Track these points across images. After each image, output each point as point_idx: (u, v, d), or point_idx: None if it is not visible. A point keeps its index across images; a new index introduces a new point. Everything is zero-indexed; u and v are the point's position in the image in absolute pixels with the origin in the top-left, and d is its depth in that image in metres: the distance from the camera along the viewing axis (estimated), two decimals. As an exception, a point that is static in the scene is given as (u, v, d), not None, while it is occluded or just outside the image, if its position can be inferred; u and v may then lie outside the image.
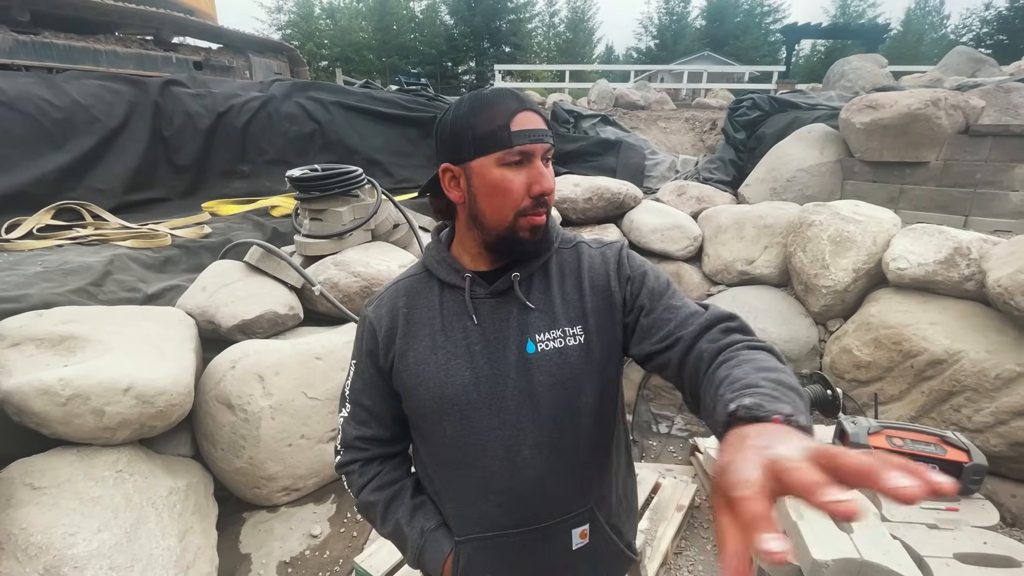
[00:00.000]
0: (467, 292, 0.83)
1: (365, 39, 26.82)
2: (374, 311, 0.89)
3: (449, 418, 0.82)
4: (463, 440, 0.83)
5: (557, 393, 0.81)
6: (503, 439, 0.81)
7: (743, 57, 24.40)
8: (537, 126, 0.76)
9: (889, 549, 1.49)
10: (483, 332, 0.82)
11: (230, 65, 5.94)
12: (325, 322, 2.64)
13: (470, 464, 0.83)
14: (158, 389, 1.66)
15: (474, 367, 0.82)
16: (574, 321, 0.83)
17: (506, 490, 0.82)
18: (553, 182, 0.78)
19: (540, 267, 0.86)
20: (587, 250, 0.89)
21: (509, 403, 0.81)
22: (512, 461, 0.81)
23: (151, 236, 3.03)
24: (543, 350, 0.81)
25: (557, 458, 0.82)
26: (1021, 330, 2.32)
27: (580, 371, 0.82)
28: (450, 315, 0.84)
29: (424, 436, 0.89)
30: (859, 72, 6.26)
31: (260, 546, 2.03)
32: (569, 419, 0.83)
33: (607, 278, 0.86)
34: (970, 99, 3.73)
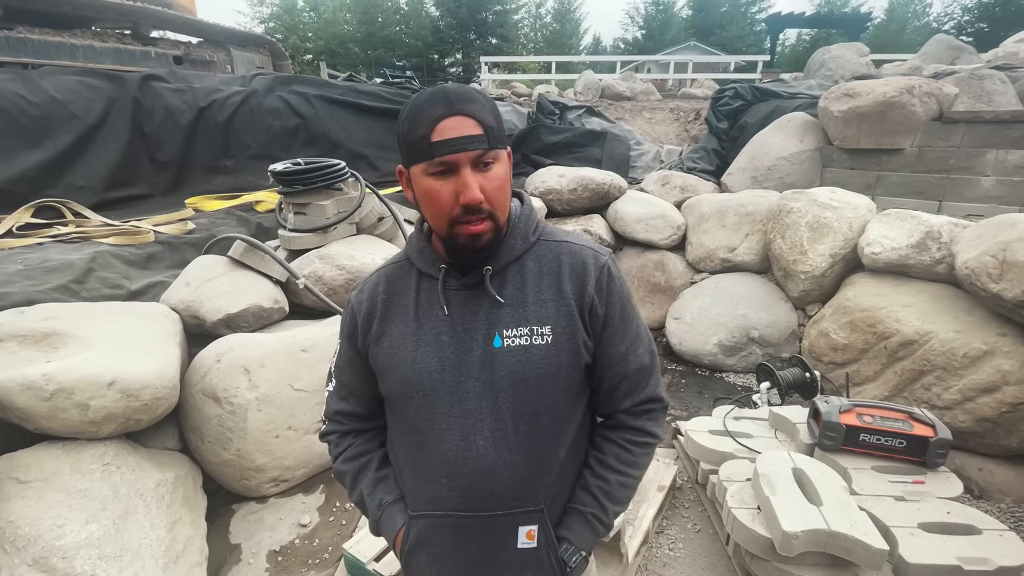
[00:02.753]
0: (440, 283, 0.85)
1: (350, 32, 26.47)
2: (356, 296, 0.94)
3: (413, 401, 0.86)
4: (424, 423, 0.86)
5: (517, 389, 0.83)
6: (460, 427, 0.84)
7: (729, 47, 24.45)
8: (462, 133, 0.73)
9: (856, 520, 1.55)
10: (452, 323, 0.85)
11: (211, 59, 5.87)
12: (311, 315, 2.66)
13: (428, 446, 0.86)
14: (143, 383, 1.67)
15: (440, 356, 0.84)
16: (544, 320, 0.84)
17: (458, 475, 0.85)
18: (477, 192, 0.74)
19: (516, 261, 0.86)
20: (572, 251, 0.88)
21: (470, 393, 0.83)
22: (467, 449, 0.84)
23: (134, 233, 3.02)
24: (508, 346, 0.83)
25: (510, 453, 0.84)
26: (988, 310, 2.40)
27: (543, 371, 0.83)
28: (424, 303, 0.87)
29: (393, 416, 0.95)
30: (839, 61, 6.33)
31: (250, 536, 2.06)
32: (527, 417, 0.84)
33: (588, 294, 0.86)
34: (944, 86, 3.80)
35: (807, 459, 1.89)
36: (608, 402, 0.93)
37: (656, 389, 0.94)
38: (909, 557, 1.50)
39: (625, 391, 0.91)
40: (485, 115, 0.76)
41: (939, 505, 1.72)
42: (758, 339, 3.32)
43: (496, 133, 0.77)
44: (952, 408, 2.34)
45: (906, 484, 1.82)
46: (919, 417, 1.92)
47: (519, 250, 0.87)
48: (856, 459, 1.94)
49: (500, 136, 0.78)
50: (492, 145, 0.76)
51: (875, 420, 1.93)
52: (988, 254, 2.27)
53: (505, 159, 0.80)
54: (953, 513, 1.68)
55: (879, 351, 2.67)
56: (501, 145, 0.79)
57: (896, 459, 1.92)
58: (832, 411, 1.96)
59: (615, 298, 0.87)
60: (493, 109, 0.79)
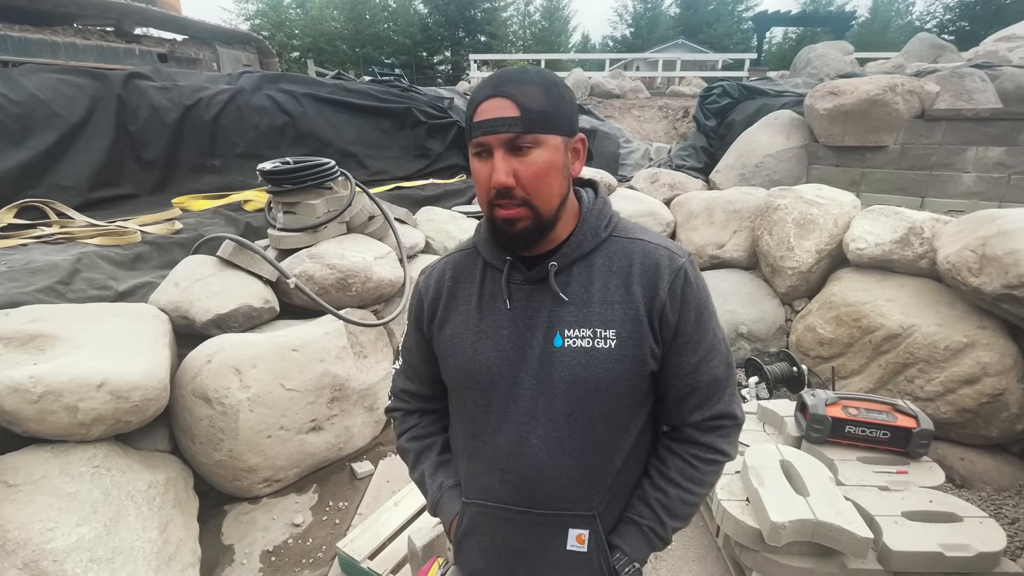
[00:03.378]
0: (504, 276, 0.84)
1: (337, 29, 26.24)
2: (424, 280, 0.95)
3: (471, 392, 0.87)
4: (480, 414, 0.87)
5: (575, 392, 0.80)
6: (515, 423, 0.83)
7: (716, 45, 24.62)
8: (495, 115, 0.72)
9: (842, 510, 1.59)
10: (514, 317, 0.83)
11: (196, 57, 5.80)
12: (302, 315, 2.65)
13: (483, 437, 0.87)
14: (132, 384, 1.66)
15: (500, 349, 0.83)
16: (609, 323, 0.79)
17: (510, 470, 0.84)
18: (501, 175, 0.72)
19: (584, 258, 0.82)
20: (646, 250, 0.82)
21: (526, 390, 0.82)
22: (519, 445, 0.83)
23: (120, 233, 2.98)
24: (569, 346, 0.80)
25: (563, 455, 0.82)
26: (968, 304, 2.46)
27: (603, 375, 0.79)
28: (488, 295, 0.87)
29: (453, 402, 0.96)
30: (824, 59, 6.41)
31: (242, 537, 2.06)
32: (583, 420, 0.81)
33: (659, 298, 0.80)
34: (925, 84, 3.88)
35: (794, 451, 1.92)
36: (675, 414, 0.88)
37: (730, 405, 0.87)
38: (893, 545, 1.54)
39: (695, 404, 0.85)
40: (529, 99, 0.72)
41: (922, 494, 1.76)
42: (746, 334, 3.36)
43: (538, 117, 0.72)
44: (935, 400, 2.39)
45: (890, 474, 1.86)
46: (902, 409, 1.96)
47: (588, 246, 0.82)
48: (842, 450, 1.98)
49: (545, 121, 0.73)
50: (529, 129, 0.72)
51: (860, 412, 1.97)
52: (968, 249, 2.32)
53: (552, 146, 0.74)
54: (935, 502, 1.72)
55: (864, 345, 2.72)
56: (544, 130, 0.73)
57: (880, 450, 1.96)
58: (818, 404, 2.00)
59: (690, 305, 0.81)
60: (547, 94, 0.74)
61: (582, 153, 0.82)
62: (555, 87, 0.75)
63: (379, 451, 2.59)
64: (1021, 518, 2.05)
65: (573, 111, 0.79)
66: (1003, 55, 6.12)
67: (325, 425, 2.33)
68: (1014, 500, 2.15)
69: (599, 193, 0.88)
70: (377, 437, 2.66)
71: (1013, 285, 2.09)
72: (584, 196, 0.87)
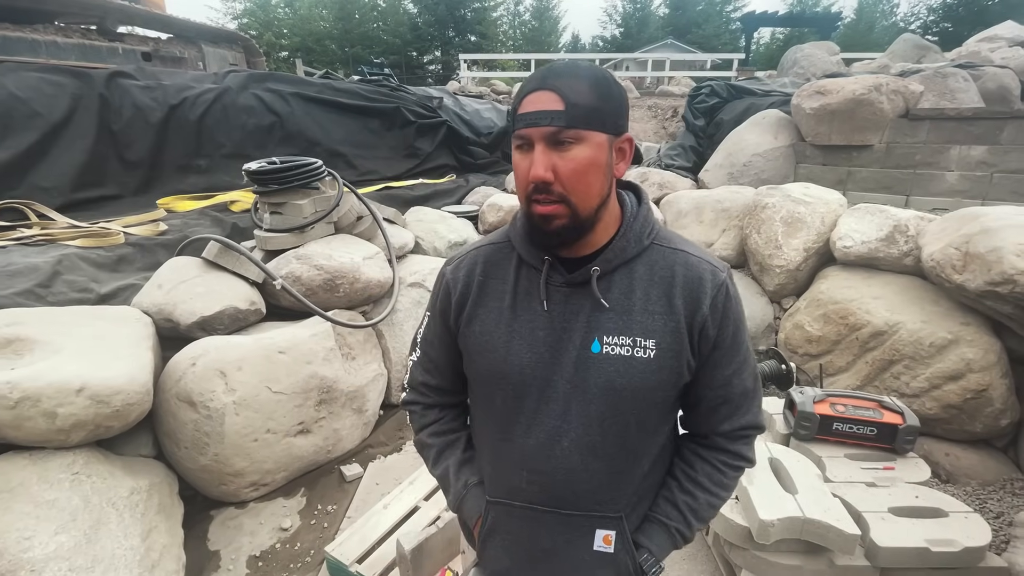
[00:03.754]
0: (543, 277, 0.81)
1: (326, 28, 26.07)
2: (452, 272, 0.92)
3: (501, 392, 0.85)
4: (509, 415, 0.85)
5: (610, 398, 0.80)
6: (546, 426, 0.82)
7: (705, 45, 24.79)
8: (539, 107, 0.70)
9: (830, 507, 1.60)
10: (551, 319, 0.81)
11: (181, 56, 5.72)
12: (289, 316, 2.62)
13: (511, 438, 0.86)
14: (113, 389, 1.63)
15: (534, 351, 0.82)
16: (649, 333, 0.79)
17: (538, 472, 0.84)
18: (539, 169, 0.71)
19: (626, 264, 0.81)
20: (688, 262, 0.81)
21: (560, 394, 0.81)
22: (551, 448, 0.82)
23: (102, 235, 2.92)
24: (608, 353, 0.79)
25: (595, 460, 0.82)
26: (953, 301, 2.49)
27: (640, 384, 0.79)
28: (523, 293, 0.84)
29: (477, 399, 0.95)
30: (811, 59, 6.47)
31: (229, 542, 2.03)
32: (616, 426, 0.82)
33: (702, 313, 0.79)
34: (910, 84, 3.92)
35: (783, 449, 1.93)
36: (704, 423, 0.90)
37: (758, 416, 0.90)
38: (880, 541, 1.55)
39: (725, 414, 0.87)
40: (575, 93, 0.70)
41: (908, 490, 1.78)
42: (736, 333, 3.38)
43: (582, 113, 0.70)
44: (920, 396, 2.42)
45: (877, 470, 1.87)
46: (888, 405, 1.98)
47: (631, 253, 0.81)
48: (830, 447, 1.99)
49: (589, 117, 0.71)
50: (571, 124, 0.70)
51: (847, 409, 1.98)
52: (952, 247, 2.35)
53: (596, 143, 0.72)
54: (921, 497, 1.74)
55: (851, 342, 2.74)
56: (588, 126, 0.71)
57: (867, 446, 1.98)
58: (806, 401, 2.01)
59: (730, 320, 0.81)
60: (595, 89, 0.71)
61: (628, 154, 0.79)
62: (604, 83, 0.73)
63: (368, 453, 2.57)
64: (1006, 512, 2.07)
65: (621, 109, 0.76)
66: (985, 55, 6.22)
67: (313, 428, 2.30)
68: (999, 494, 2.18)
69: (643, 199, 0.86)
70: (366, 439, 2.64)
71: (996, 282, 2.12)
72: (627, 200, 0.84)
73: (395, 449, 2.62)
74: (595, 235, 0.80)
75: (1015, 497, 2.16)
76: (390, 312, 2.83)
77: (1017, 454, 2.35)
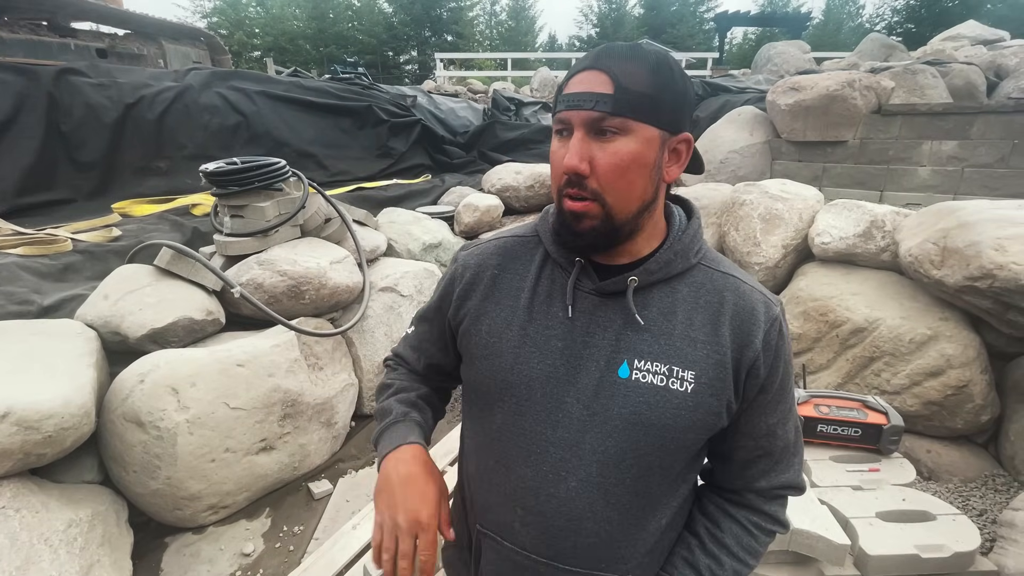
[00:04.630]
0: (572, 278, 0.70)
1: (300, 28, 25.59)
2: (464, 258, 0.82)
3: (503, 406, 0.73)
4: (509, 437, 0.72)
5: (635, 434, 0.67)
6: (551, 457, 0.69)
7: (680, 45, 25.06)
8: (585, 89, 0.62)
9: (817, 515, 1.54)
10: (572, 329, 0.70)
11: (140, 53, 5.46)
12: (252, 326, 2.47)
13: (509, 464, 0.73)
14: (44, 413, 1.47)
15: (546, 363, 0.70)
16: (690, 364, 0.67)
17: (536, 512, 0.71)
18: (574, 158, 0.62)
19: (668, 281, 0.70)
20: (739, 290, 0.70)
21: (573, 420, 0.68)
22: (554, 485, 0.69)
23: (48, 242, 2.73)
24: (638, 380, 0.67)
25: (605, 507, 0.69)
26: (931, 296, 2.47)
27: (673, 421, 0.67)
28: (543, 294, 0.73)
29: (473, 413, 0.81)
30: (784, 57, 6.53)
31: (184, 572, 1.88)
32: (637, 469, 0.68)
33: (753, 349, 0.68)
34: (881, 80, 3.95)
35: (767, 453, 1.87)
36: (739, 476, 0.77)
37: (798, 475, 0.78)
38: (869, 549, 1.50)
39: (763, 469, 0.75)
40: (628, 76, 0.61)
41: (895, 492, 1.74)
42: (716, 332, 3.34)
43: (633, 99, 0.61)
44: (901, 393, 2.39)
45: (863, 473, 1.83)
46: (872, 405, 1.94)
47: (676, 269, 0.69)
48: (814, 450, 1.94)
49: (641, 106, 0.61)
50: (618, 111, 0.60)
51: (831, 410, 1.94)
52: (930, 241, 2.33)
53: (644, 137, 0.62)
54: (908, 500, 1.70)
55: (831, 339, 2.72)
56: (638, 116, 0.61)
57: (852, 448, 1.93)
58: (790, 403, 1.96)
59: (781, 361, 0.70)
60: (654, 75, 0.62)
61: (684, 156, 0.68)
62: (667, 71, 0.63)
63: (338, 468, 2.44)
64: (989, 509, 2.05)
65: (683, 104, 0.65)
66: (950, 53, 6.36)
67: (277, 444, 2.17)
68: (981, 491, 2.16)
69: (693, 214, 0.74)
70: (336, 453, 2.51)
71: (975, 277, 2.10)
72: (676, 213, 0.74)
73: (367, 463, 2.50)
74: (634, 244, 0.70)
75: (997, 494, 2.14)
76: (360, 319, 2.70)
77: (998, 450, 2.34)
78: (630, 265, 0.70)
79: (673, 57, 0.65)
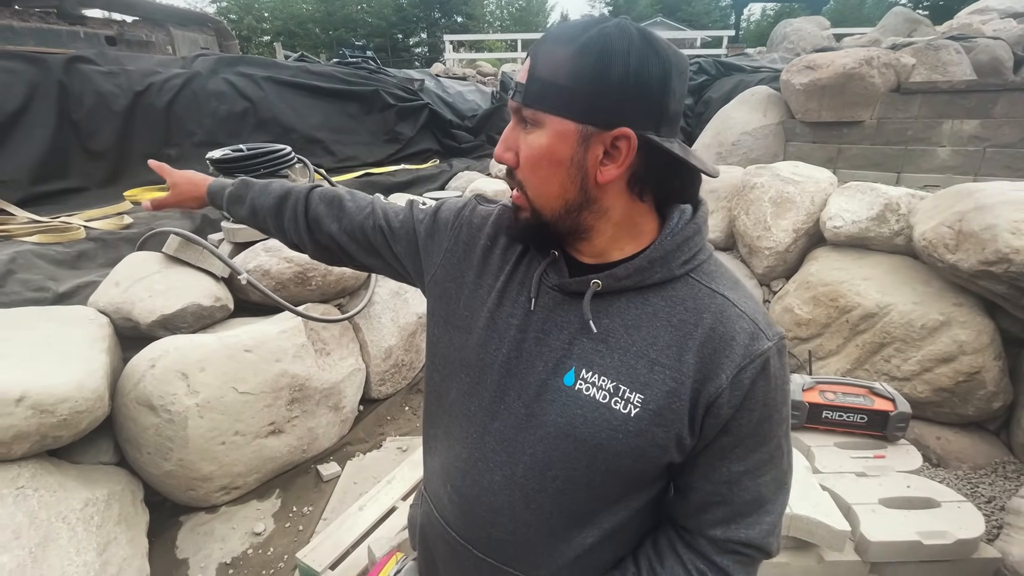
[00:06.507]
0: (540, 270, 0.66)
1: (308, 12, 25.42)
2: (470, 213, 0.79)
3: (458, 382, 0.71)
4: (456, 413, 0.72)
5: (565, 446, 0.63)
6: (486, 446, 0.68)
7: (695, 22, 24.45)
8: (519, 76, 0.59)
9: (818, 501, 1.54)
10: (530, 323, 0.66)
11: (148, 40, 5.48)
12: (261, 312, 2.51)
13: (449, 439, 0.73)
14: (58, 397, 1.52)
15: (502, 352, 0.67)
16: (640, 386, 0.60)
17: (461, 494, 0.71)
18: (499, 147, 0.62)
19: (640, 290, 0.62)
20: (724, 313, 0.61)
21: (511, 416, 0.66)
22: (481, 474, 0.68)
23: (62, 230, 2.79)
24: (580, 390, 0.62)
25: (525, 508, 0.66)
26: (945, 281, 2.42)
27: (606, 442, 0.61)
28: (517, 280, 0.69)
29: (435, 376, 0.78)
30: (800, 34, 6.33)
31: (198, 550, 1.95)
32: (562, 482, 0.64)
33: (718, 384, 0.59)
34: (901, 57, 3.81)
35: (771, 439, 1.87)
36: (692, 517, 0.68)
37: (766, 537, 0.65)
38: (870, 535, 1.49)
39: (720, 517, 0.65)
40: (546, 64, 0.56)
41: (899, 479, 1.72)
42: (725, 317, 3.31)
43: (540, 89, 0.56)
44: (911, 379, 2.36)
45: (867, 459, 1.82)
46: (879, 392, 1.92)
47: (652, 279, 0.61)
48: (819, 436, 1.93)
49: (548, 96, 0.56)
50: (528, 102, 0.57)
51: (837, 397, 1.92)
52: (945, 225, 2.27)
53: (555, 131, 0.57)
54: (913, 487, 1.68)
55: (841, 325, 2.68)
56: (546, 108, 0.57)
57: (858, 434, 1.92)
58: (795, 389, 1.94)
59: (757, 402, 0.60)
60: (574, 61, 0.55)
61: (624, 157, 0.57)
62: (596, 56, 0.54)
63: (346, 451, 2.48)
64: (998, 496, 2.03)
65: (612, 94, 0.55)
66: (977, 28, 6.10)
67: (285, 428, 2.21)
68: (990, 478, 2.13)
69: (696, 216, 0.64)
70: (344, 437, 2.55)
71: (990, 261, 2.04)
72: (675, 216, 0.64)
73: (374, 446, 2.54)
74: (592, 245, 0.64)
75: (1007, 481, 2.11)
76: (366, 305, 2.73)
77: (1009, 437, 2.30)
78: (603, 267, 0.64)
79: (633, 42, 0.55)
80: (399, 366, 2.90)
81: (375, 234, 0.87)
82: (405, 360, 2.94)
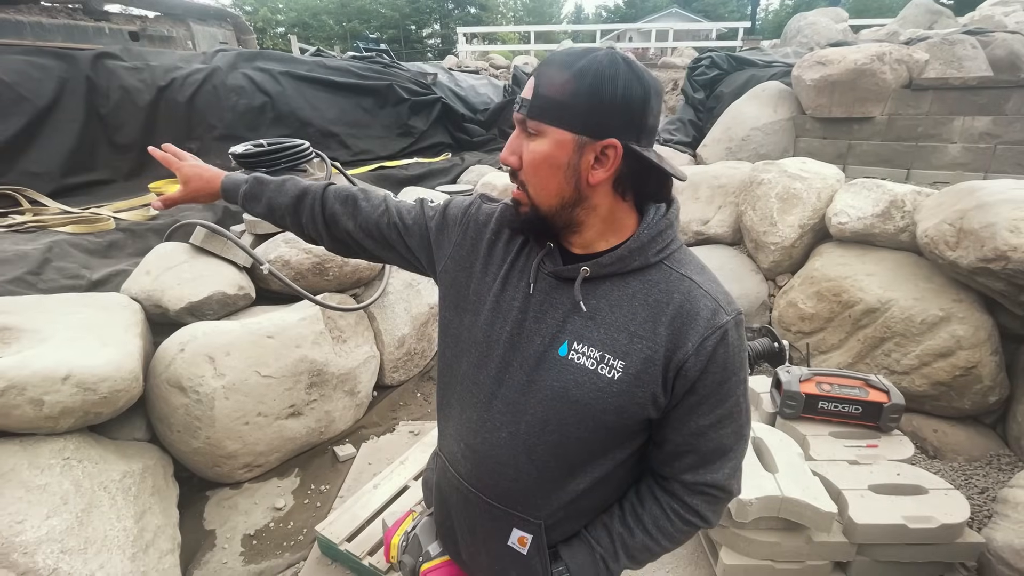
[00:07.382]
0: (537, 259, 0.79)
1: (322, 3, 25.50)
2: (475, 210, 0.91)
3: (469, 357, 0.84)
4: (468, 384, 0.84)
5: (560, 405, 0.76)
6: (494, 410, 0.80)
7: (711, 13, 24.08)
8: (524, 93, 0.72)
9: (808, 485, 1.61)
10: (530, 304, 0.79)
11: (169, 35, 5.61)
12: (280, 300, 2.63)
13: (462, 406, 0.86)
14: (99, 376, 1.65)
15: (506, 329, 0.79)
16: (621, 354, 0.73)
17: (473, 452, 0.83)
18: (505, 151, 0.74)
19: (622, 275, 0.75)
20: (690, 293, 0.73)
21: (515, 383, 0.79)
22: (490, 432, 0.81)
23: (93, 220, 2.93)
24: (573, 360, 0.75)
25: (527, 461, 0.79)
26: (946, 277, 2.46)
27: (593, 402, 0.74)
28: (519, 268, 0.82)
29: (447, 353, 0.90)
30: (815, 27, 6.27)
31: (224, 522, 2.08)
32: (558, 436, 0.77)
33: (684, 351, 0.71)
34: (914, 53, 3.80)
35: (766, 428, 1.94)
36: (667, 465, 0.82)
37: (729, 479, 0.80)
38: (857, 518, 1.57)
39: (688, 464, 0.79)
40: (548, 84, 0.68)
41: (890, 467, 1.79)
42: (730, 311, 3.36)
43: (544, 104, 0.68)
44: (910, 373, 2.41)
45: (860, 448, 1.88)
46: (874, 384, 1.98)
47: (631, 265, 0.74)
48: (815, 426, 2.00)
49: (550, 111, 0.68)
50: (533, 115, 0.70)
51: (833, 388, 1.98)
52: (946, 222, 2.31)
53: (555, 140, 0.69)
54: (902, 475, 1.75)
55: (844, 319, 2.73)
56: (548, 120, 0.69)
57: (852, 425, 1.98)
58: (792, 380, 2.01)
59: (717, 365, 0.72)
60: (572, 83, 0.67)
61: (611, 162, 0.69)
62: (590, 78, 0.66)
63: (361, 434, 2.61)
64: (991, 487, 2.09)
65: (605, 110, 0.67)
66: (999, 20, 6.00)
67: (304, 410, 2.34)
68: (985, 470, 2.19)
69: (668, 212, 0.77)
70: (359, 420, 2.67)
71: (989, 258, 2.08)
72: (652, 212, 0.76)
73: (388, 430, 2.66)
74: (582, 236, 0.77)
75: (1001, 472, 2.17)
76: (381, 295, 2.84)
77: (1005, 430, 2.35)
78: (590, 256, 0.76)
79: (618, 68, 0.67)
80: (411, 354, 3.01)
81: (390, 231, 0.97)
82: (417, 349, 3.05)
